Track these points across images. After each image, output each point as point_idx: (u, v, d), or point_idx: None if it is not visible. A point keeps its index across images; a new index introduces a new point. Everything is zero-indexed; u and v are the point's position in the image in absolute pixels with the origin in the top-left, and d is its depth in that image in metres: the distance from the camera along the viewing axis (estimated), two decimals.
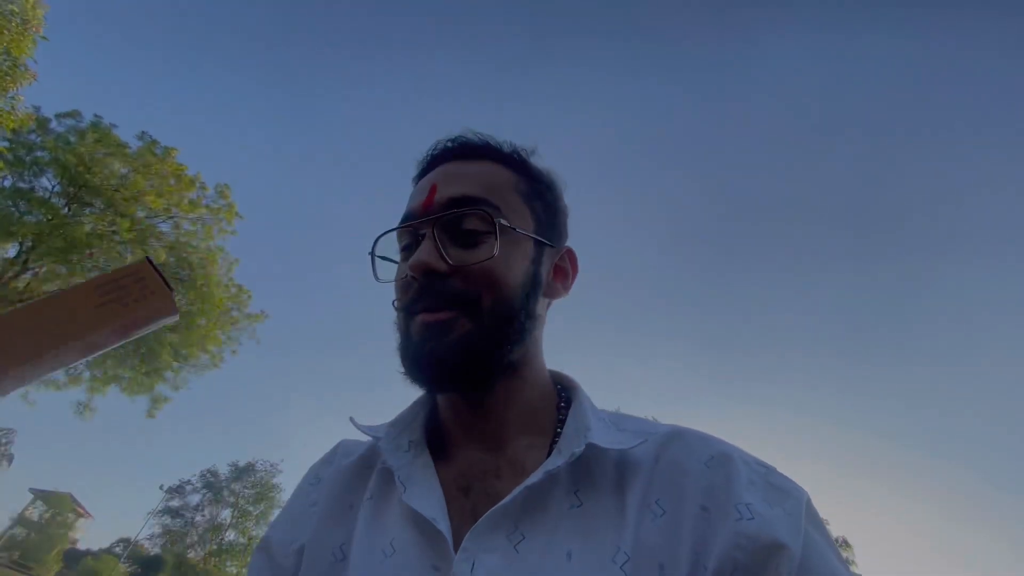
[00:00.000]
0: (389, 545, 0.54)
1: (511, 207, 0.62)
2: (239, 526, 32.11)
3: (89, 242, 10.74)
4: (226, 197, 12.54)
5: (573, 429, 0.58)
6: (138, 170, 11.26)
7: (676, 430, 0.59)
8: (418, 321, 0.57)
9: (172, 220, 12.12)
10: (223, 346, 12.80)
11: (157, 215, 11.92)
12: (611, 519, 0.52)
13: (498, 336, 0.57)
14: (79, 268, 11.15)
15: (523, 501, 0.53)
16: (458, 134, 0.68)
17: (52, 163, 10.81)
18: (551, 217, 0.68)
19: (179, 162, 11.69)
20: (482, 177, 0.63)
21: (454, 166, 0.65)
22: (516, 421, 0.61)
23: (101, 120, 11.07)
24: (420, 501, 0.55)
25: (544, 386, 0.65)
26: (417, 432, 0.64)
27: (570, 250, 0.71)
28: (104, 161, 11.07)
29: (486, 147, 0.67)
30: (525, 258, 0.62)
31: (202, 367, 12.81)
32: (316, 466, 0.72)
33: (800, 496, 0.51)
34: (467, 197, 0.60)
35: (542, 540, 0.51)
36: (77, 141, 10.86)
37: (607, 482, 0.55)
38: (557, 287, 0.68)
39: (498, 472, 0.58)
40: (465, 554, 0.50)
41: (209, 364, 12.78)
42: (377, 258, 0.65)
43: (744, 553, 0.47)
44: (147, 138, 11.39)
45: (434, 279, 0.57)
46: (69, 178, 10.94)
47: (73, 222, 10.71)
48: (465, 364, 0.56)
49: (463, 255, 0.58)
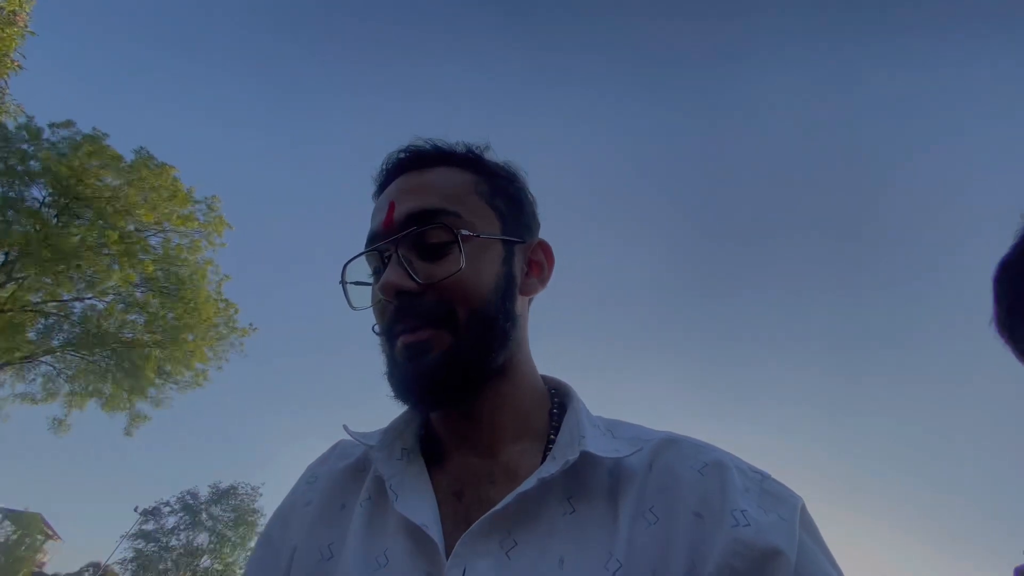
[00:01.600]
0: (383, 555, 0.54)
1: (473, 211, 0.61)
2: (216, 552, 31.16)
3: (77, 254, 10.59)
4: (215, 209, 12.45)
5: (567, 435, 0.58)
6: (131, 183, 11.19)
7: (670, 437, 0.59)
8: (399, 344, 0.57)
9: (163, 234, 12.01)
10: (210, 363, 12.56)
11: (148, 228, 11.81)
12: (604, 527, 0.52)
13: (480, 345, 0.57)
14: (65, 279, 10.98)
15: (516, 508, 0.52)
16: (408, 143, 0.66)
17: (44, 173, 10.73)
18: (516, 212, 0.66)
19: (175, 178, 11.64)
20: (438, 186, 0.62)
21: (409, 178, 0.64)
22: (508, 426, 0.61)
23: (96, 131, 11.03)
24: (412, 509, 0.55)
25: (536, 389, 0.64)
26: (410, 439, 0.63)
27: (543, 242, 0.69)
28: (97, 173, 11.00)
29: (438, 153, 0.65)
30: (495, 261, 0.61)
31: (185, 385, 12.54)
32: (313, 465, 0.71)
33: (795, 502, 0.52)
34: (425, 211, 0.59)
35: (535, 547, 0.51)
36: (71, 152, 10.80)
37: (600, 489, 0.55)
38: (533, 283, 0.67)
39: (492, 478, 0.58)
40: (456, 560, 0.50)
41: (192, 382, 12.50)
42: (349, 284, 0.63)
43: (741, 560, 0.47)
44: (143, 152, 11.35)
45: (407, 299, 0.57)
46: (61, 189, 10.85)
47: (62, 233, 10.58)
48: (449, 379, 0.56)
49: (431, 270, 0.57)
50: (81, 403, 12.17)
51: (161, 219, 11.76)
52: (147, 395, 12.24)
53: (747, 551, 0.47)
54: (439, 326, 0.56)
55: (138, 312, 11.88)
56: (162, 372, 12.12)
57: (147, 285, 11.71)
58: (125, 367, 11.73)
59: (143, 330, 11.88)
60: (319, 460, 0.71)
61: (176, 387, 12.47)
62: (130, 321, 11.98)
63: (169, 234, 12.07)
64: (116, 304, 11.70)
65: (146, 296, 11.72)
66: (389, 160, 0.67)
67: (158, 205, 11.57)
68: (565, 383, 0.68)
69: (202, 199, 12.29)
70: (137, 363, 11.65)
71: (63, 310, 11.63)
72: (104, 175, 11.09)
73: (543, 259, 0.69)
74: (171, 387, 12.46)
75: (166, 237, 12.06)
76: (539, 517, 0.53)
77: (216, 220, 12.43)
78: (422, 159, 0.65)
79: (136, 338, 11.84)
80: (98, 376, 11.93)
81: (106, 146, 11.01)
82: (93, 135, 10.94)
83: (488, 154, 0.68)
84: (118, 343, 11.67)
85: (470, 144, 0.67)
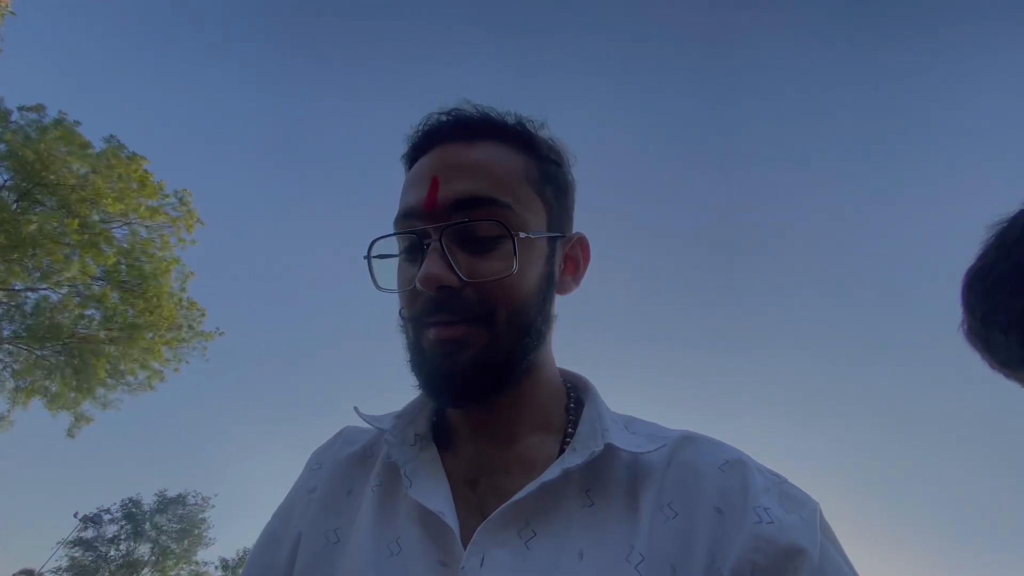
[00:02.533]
0: (395, 542, 0.53)
1: (524, 204, 0.57)
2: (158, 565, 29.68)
3: (35, 241, 10.10)
4: (187, 204, 12.03)
5: (589, 428, 0.57)
6: (99, 171, 10.78)
7: (688, 435, 0.59)
8: (431, 336, 0.55)
9: (129, 226, 11.58)
10: (168, 364, 12.04)
11: (113, 219, 11.37)
12: (623, 521, 0.51)
13: (515, 347, 0.55)
14: (19, 267, 10.45)
15: (536, 498, 0.52)
16: (453, 107, 0.60)
17: (8, 156, 10.27)
18: (563, 203, 0.63)
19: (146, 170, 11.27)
20: (489, 167, 0.57)
21: (454, 151, 0.58)
22: (526, 420, 0.60)
23: (66, 117, 10.62)
24: (427, 496, 0.54)
25: (554, 384, 0.63)
26: (423, 425, 0.62)
27: (582, 237, 0.65)
28: (64, 159, 10.58)
29: (488, 124, 0.60)
30: (539, 260, 0.58)
31: (138, 387, 11.95)
32: (318, 452, 0.70)
33: (814, 506, 0.52)
34: (475, 198, 0.55)
35: (554, 538, 0.50)
36: (38, 136, 10.37)
37: (619, 484, 0.54)
38: (568, 281, 0.64)
39: (507, 468, 0.57)
40: (475, 548, 0.49)
41: (146, 384, 11.93)
42: (374, 259, 0.59)
43: (763, 556, 0.47)
44: (114, 141, 10.97)
45: (445, 292, 0.53)
46: (24, 173, 10.39)
47: (20, 219, 10.10)
48: (482, 379, 0.55)
49: (477, 267, 0.54)
50: (25, 400, 11.50)
51: (128, 210, 11.32)
52: (95, 395, 11.62)
53: (770, 547, 0.47)
54: (476, 323, 0.54)
55: (95, 307, 11.36)
56: (115, 371, 11.55)
57: (108, 279, 11.23)
58: (75, 364, 11.14)
59: (99, 326, 11.34)
60: (324, 446, 0.70)
61: (128, 388, 11.88)
62: (86, 316, 11.45)
63: (135, 226, 11.63)
64: (72, 297, 11.17)
65: (104, 290, 11.22)
66: (429, 122, 0.61)
67: (126, 195, 11.16)
68: (583, 377, 0.66)
69: (172, 192, 11.90)
70: (89, 361, 11.09)
71: (15, 300, 11.05)
72: (71, 162, 10.67)
73: (579, 255, 0.65)
74: (122, 388, 11.86)
75: (132, 229, 11.60)
76: (558, 509, 0.52)
77: (187, 215, 12.03)
78: (469, 129, 0.59)
79: (91, 334, 11.29)
80: (45, 372, 11.31)
81: (75, 132, 10.60)
82: (62, 120, 10.54)
83: (541, 131, 0.63)
84: (71, 338, 11.11)
85: (522, 117, 0.62)
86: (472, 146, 0.58)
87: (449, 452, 0.60)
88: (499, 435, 0.59)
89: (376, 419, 0.62)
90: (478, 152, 0.58)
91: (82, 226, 10.50)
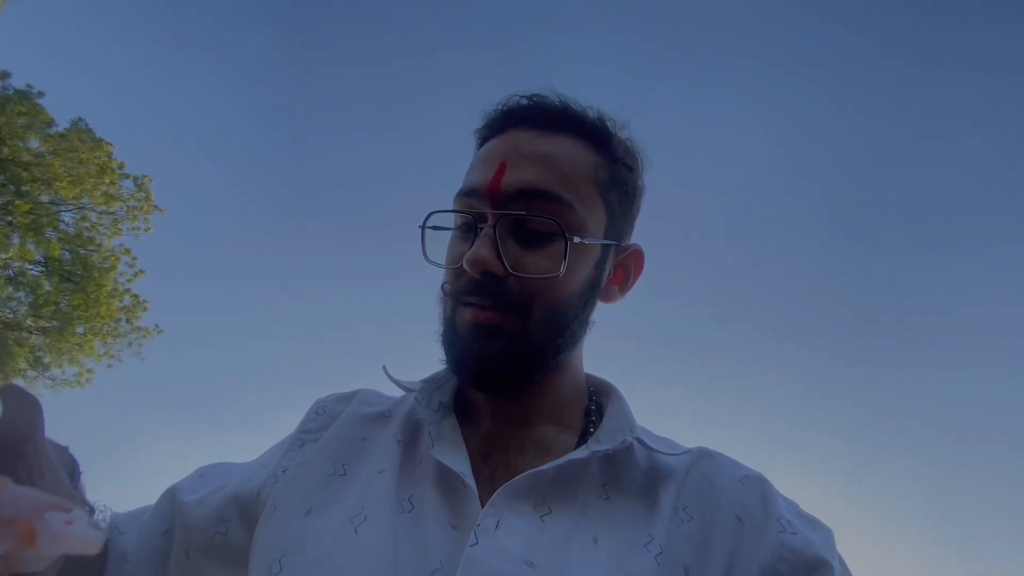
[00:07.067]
0: (407, 500, 0.54)
1: (587, 205, 0.57)
2: None
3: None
4: (145, 190, 11.33)
5: (615, 423, 0.58)
6: (58, 152, 10.03)
7: (707, 450, 0.60)
8: (466, 316, 0.55)
9: (80, 211, 10.79)
10: (100, 360, 11.23)
11: (64, 203, 10.58)
12: (640, 516, 0.52)
13: (546, 344, 0.56)
14: None
15: (554, 476, 0.53)
16: (535, 92, 0.61)
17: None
18: (625, 211, 0.63)
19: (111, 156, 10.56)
20: (559, 162, 0.56)
21: (528, 138, 0.58)
22: (546, 411, 0.61)
23: (31, 89, 9.83)
24: (449, 457, 0.54)
25: (579, 386, 0.64)
26: (448, 394, 0.63)
27: (637, 249, 0.65)
28: (22, 134, 9.77)
29: (567, 116, 0.59)
30: (589, 264, 0.58)
31: (63, 383, 11.08)
32: (328, 401, 0.69)
33: (830, 531, 0.54)
34: (538, 191, 0.55)
35: (569, 520, 0.51)
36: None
37: (636, 484, 0.55)
38: (614, 290, 0.64)
39: (522, 447, 0.58)
40: (493, 509, 0.50)
41: (73, 381, 11.09)
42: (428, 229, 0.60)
43: (787, 565, 0.48)
44: (81, 123, 10.22)
45: (488, 277, 0.54)
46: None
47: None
48: (509, 371, 0.56)
49: (525, 260, 0.55)
50: None
51: (82, 195, 10.57)
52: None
53: (794, 557, 0.48)
54: (511, 313, 0.54)
55: (26, 291, 10.49)
56: (38, 363, 10.69)
57: (47, 266, 10.41)
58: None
59: (28, 312, 10.48)
60: (338, 397, 0.69)
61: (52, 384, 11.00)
62: (15, 297, 10.55)
63: (87, 212, 10.85)
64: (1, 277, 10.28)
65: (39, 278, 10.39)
66: (508, 103, 0.61)
67: (83, 180, 10.41)
68: (610, 382, 0.66)
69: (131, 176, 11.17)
70: (10, 348, 10.21)
71: None
72: (30, 138, 9.88)
73: (631, 267, 0.65)
74: (45, 382, 10.98)
75: (83, 215, 10.83)
76: (574, 494, 0.53)
77: (144, 201, 11.33)
78: (547, 118, 0.59)
79: (16, 319, 10.41)
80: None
81: (39, 106, 9.79)
82: (25, 92, 9.74)
83: (621, 131, 0.62)
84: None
85: (604, 114, 0.61)
86: (546, 136, 0.58)
87: (467, 424, 0.60)
88: (516, 420, 0.60)
89: (406, 382, 0.63)
90: (551, 144, 0.57)
91: (31, 210, 9.71)
